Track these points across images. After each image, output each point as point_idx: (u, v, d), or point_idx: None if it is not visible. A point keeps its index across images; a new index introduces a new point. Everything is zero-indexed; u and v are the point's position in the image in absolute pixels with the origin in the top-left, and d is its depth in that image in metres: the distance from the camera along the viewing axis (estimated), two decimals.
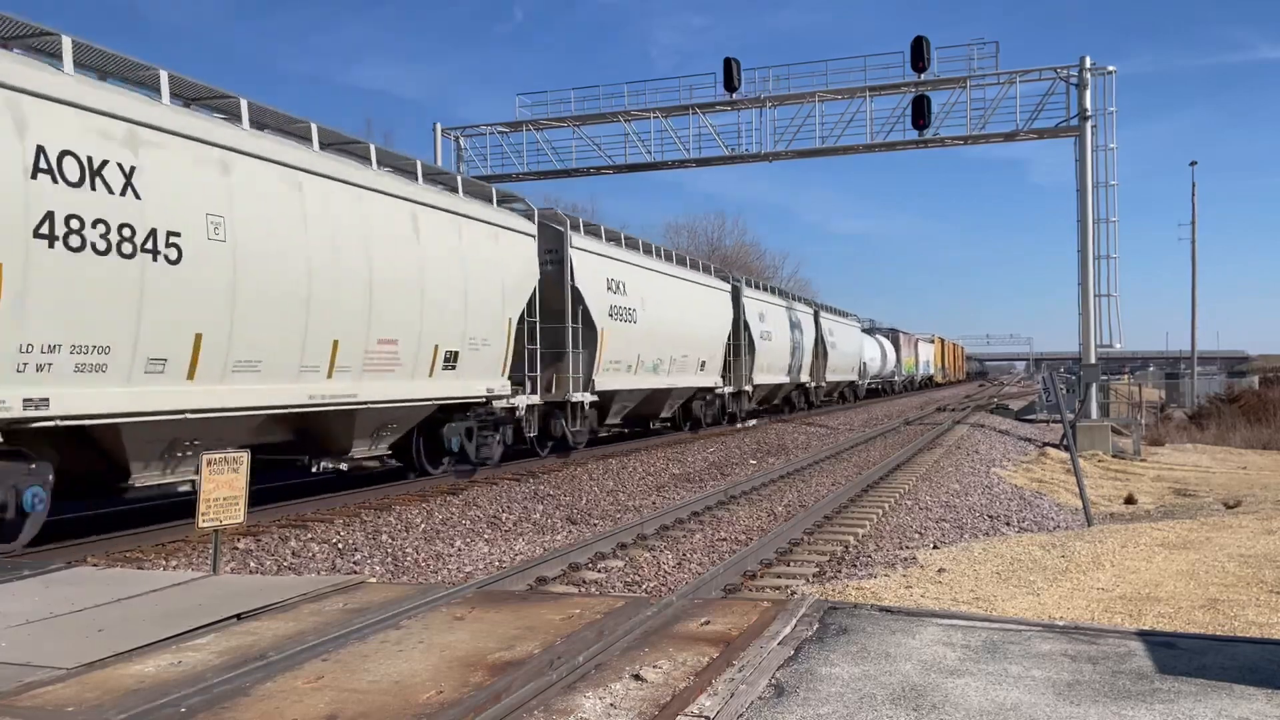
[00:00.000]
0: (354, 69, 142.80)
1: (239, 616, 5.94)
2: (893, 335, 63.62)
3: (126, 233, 9.31)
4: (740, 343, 29.67)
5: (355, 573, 9.36)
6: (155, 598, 6.57)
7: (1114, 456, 25.99)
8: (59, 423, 8.92)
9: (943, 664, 4.82)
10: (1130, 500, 17.82)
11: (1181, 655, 4.97)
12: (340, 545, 10.69)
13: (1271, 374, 51.35)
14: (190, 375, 10.06)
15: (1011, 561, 10.21)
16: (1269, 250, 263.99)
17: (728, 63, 30.36)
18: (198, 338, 10.08)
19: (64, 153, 8.79)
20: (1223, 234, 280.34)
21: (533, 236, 17.15)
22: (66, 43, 9.38)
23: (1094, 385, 28.78)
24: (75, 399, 8.99)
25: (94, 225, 9.02)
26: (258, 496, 10.96)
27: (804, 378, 38.34)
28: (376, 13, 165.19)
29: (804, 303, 40.59)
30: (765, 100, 30.85)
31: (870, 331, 57.61)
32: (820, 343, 40.08)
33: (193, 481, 10.23)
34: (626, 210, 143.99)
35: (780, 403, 37.45)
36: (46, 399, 8.71)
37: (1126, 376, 54.53)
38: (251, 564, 9.75)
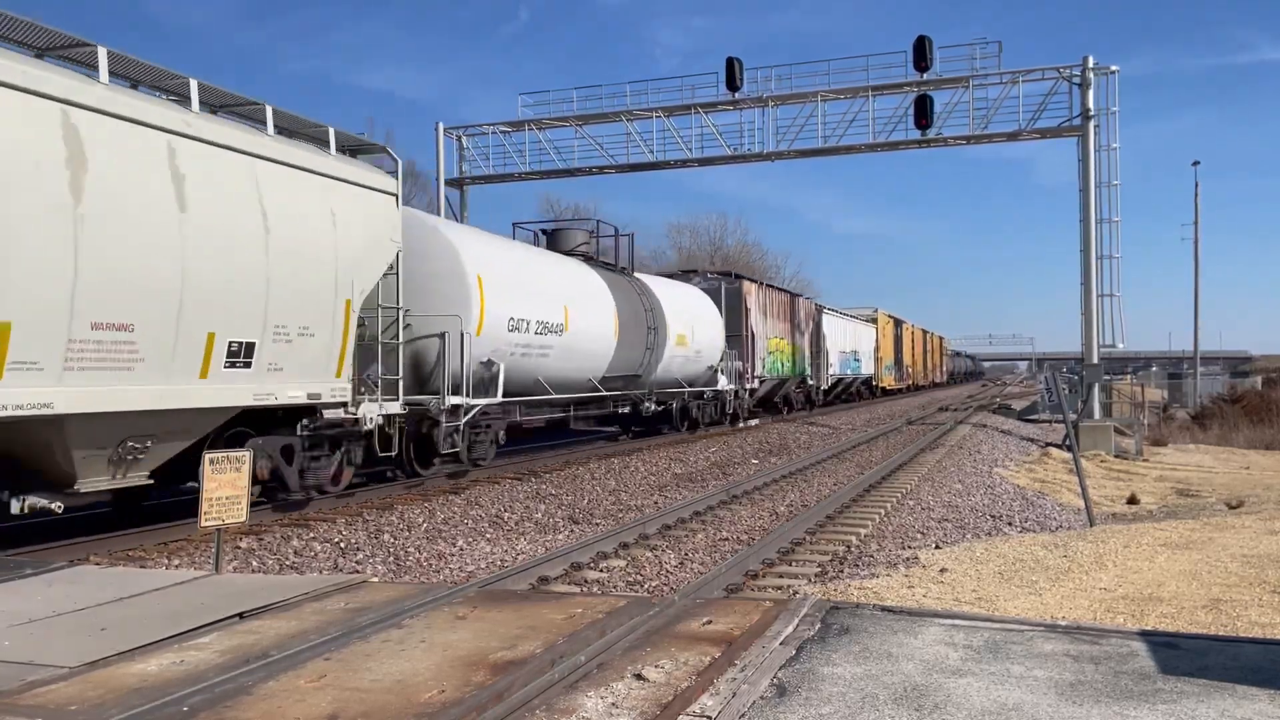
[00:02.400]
0: (358, 70, 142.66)
1: (241, 615, 5.95)
2: (728, 289, 29.12)
3: None
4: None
5: (357, 572, 9.38)
6: (157, 596, 6.58)
7: (1116, 457, 25.98)
8: None
9: (945, 664, 4.82)
10: (1133, 500, 17.81)
11: (1184, 655, 4.97)
12: (342, 544, 10.70)
13: (1274, 374, 51.41)
14: None
15: (1014, 561, 10.21)
16: (1272, 251, 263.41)
17: (730, 62, 30.34)
18: None
19: None
20: (1225, 234, 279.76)
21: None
22: None
23: (1096, 385, 28.77)
24: None
25: None
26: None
27: None
28: (382, 14, 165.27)
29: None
30: (767, 100, 30.83)
31: (628, 273, 23.06)
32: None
33: None
34: (629, 211, 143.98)
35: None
36: None
37: (1129, 376, 54.58)
38: (254, 563, 9.76)
